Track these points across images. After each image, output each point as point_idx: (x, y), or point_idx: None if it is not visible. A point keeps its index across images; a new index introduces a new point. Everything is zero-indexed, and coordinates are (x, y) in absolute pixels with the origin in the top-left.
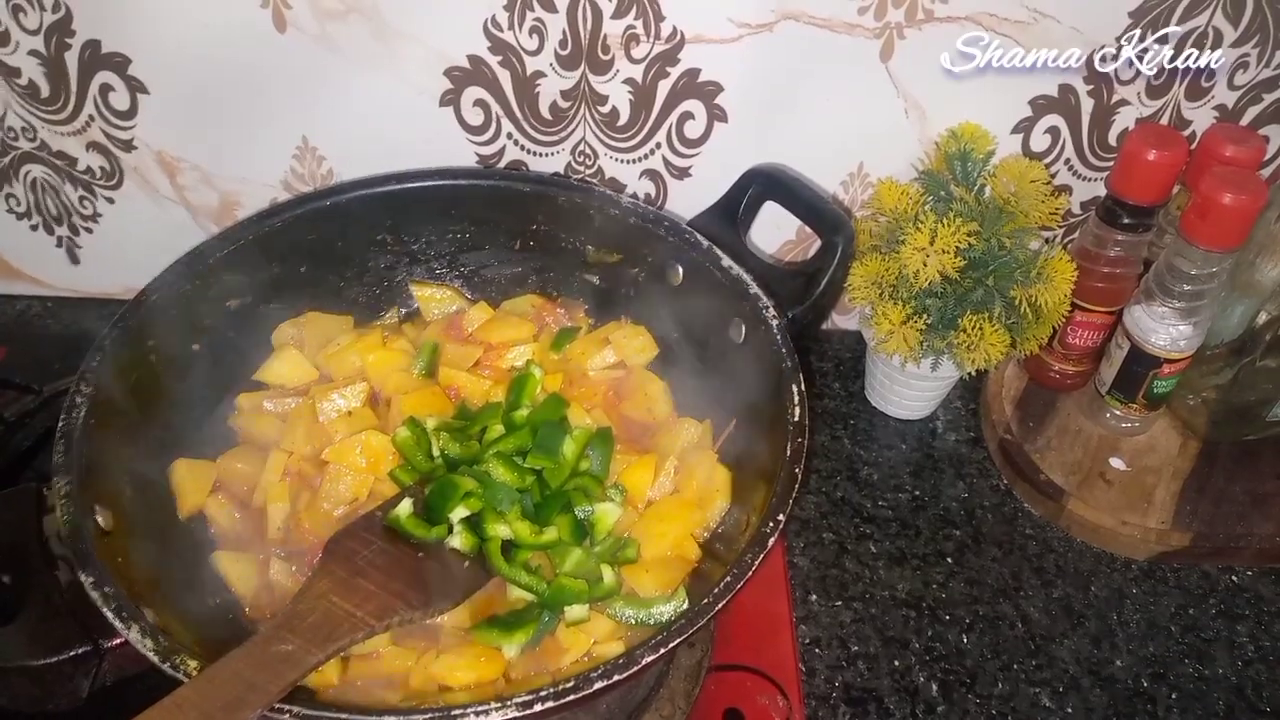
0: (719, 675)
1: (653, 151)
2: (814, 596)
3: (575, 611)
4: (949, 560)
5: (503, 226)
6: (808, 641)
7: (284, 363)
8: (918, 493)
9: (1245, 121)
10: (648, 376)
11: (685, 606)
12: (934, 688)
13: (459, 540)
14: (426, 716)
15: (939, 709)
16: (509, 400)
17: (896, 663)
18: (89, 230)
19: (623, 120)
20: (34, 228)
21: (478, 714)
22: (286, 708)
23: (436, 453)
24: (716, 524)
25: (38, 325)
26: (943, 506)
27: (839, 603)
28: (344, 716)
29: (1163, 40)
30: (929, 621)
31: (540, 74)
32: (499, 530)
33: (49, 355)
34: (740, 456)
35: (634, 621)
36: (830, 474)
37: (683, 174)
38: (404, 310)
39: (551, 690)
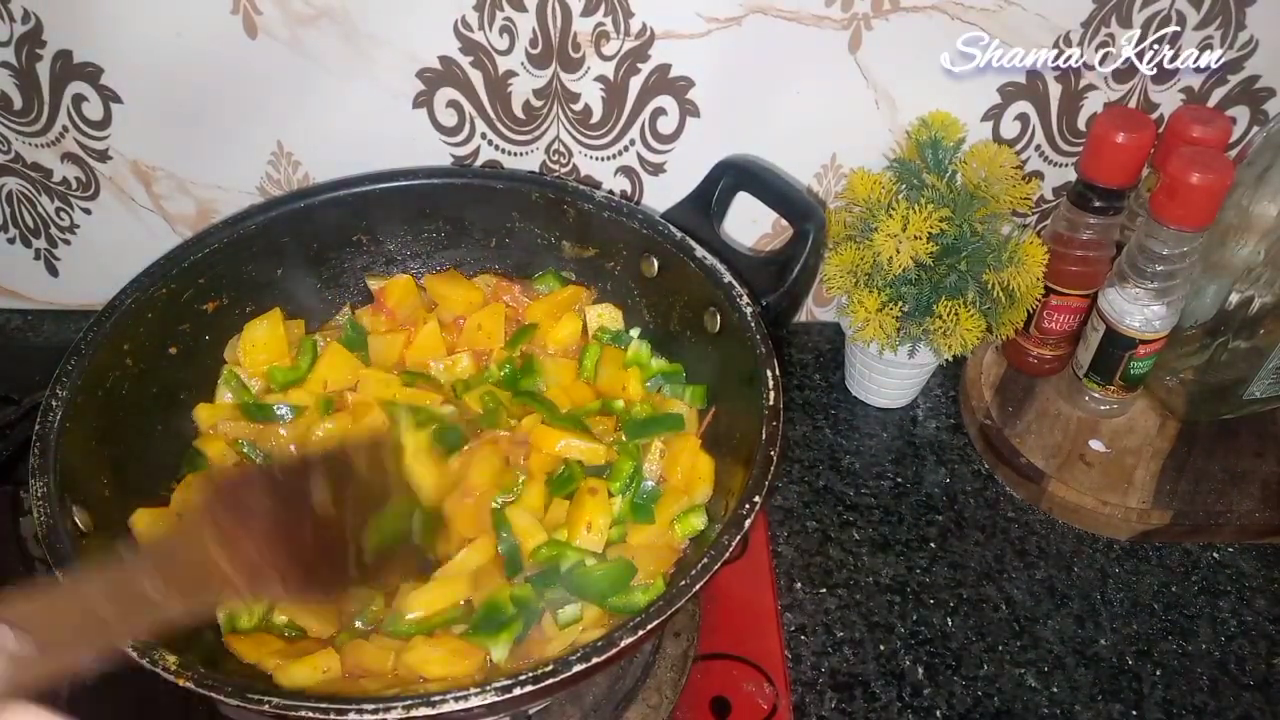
0: (705, 664)
1: (627, 148)
2: (799, 584)
3: (567, 613)
4: (932, 545)
5: (477, 224)
6: (793, 629)
7: (225, 390)
8: (900, 480)
9: (1211, 103)
10: (618, 355)
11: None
12: (920, 671)
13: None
14: (406, 703)
15: (925, 691)
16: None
17: (882, 647)
18: (67, 242)
19: (596, 118)
20: (11, 241)
21: (457, 699)
22: (266, 698)
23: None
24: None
25: (17, 338)
26: (925, 492)
27: (824, 590)
28: (323, 705)
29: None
30: (913, 606)
31: (512, 73)
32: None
33: (29, 367)
34: (720, 445)
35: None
36: (812, 464)
37: (657, 170)
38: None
39: (530, 674)
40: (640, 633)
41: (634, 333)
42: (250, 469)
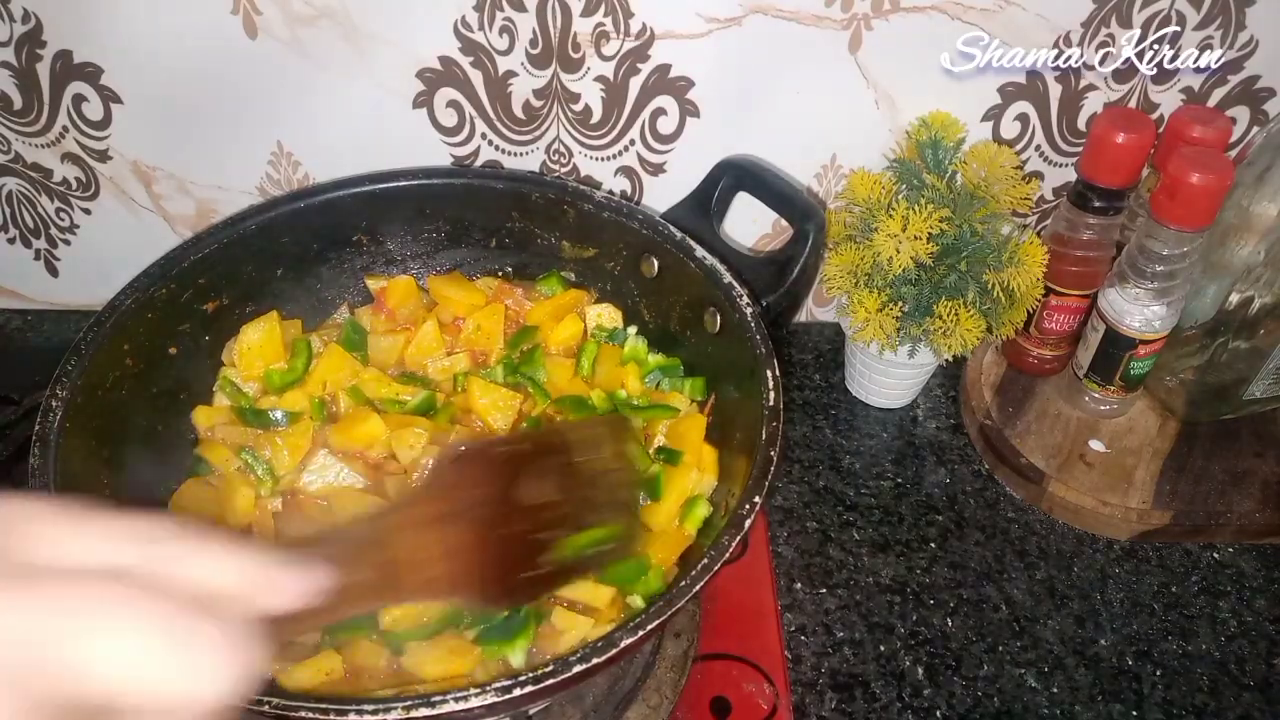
0: (705, 665)
1: (627, 148)
2: (799, 585)
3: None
4: (932, 545)
5: (477, 225)
6: (793, 629)
7: (221, 395)
8: (900, 480)
9: (1211, 103)
10: (616, 352)
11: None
12: (920, 671)
13: None
14: (406, 704)
15: (925, 692)
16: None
17: (882, 648)
18: (67, 242)
19: (596, 118)
20: (11, 241)
21: (457, 699)
22: (266, 699)
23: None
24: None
25: (17, 338)
26: (925, 493)
27: (823, 590)
28: (323, 705)
29: (1127, 24)
30: (914, 606)
31: (512, 73)
32: None
33: (29, 367)
34: (720, 443)
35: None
36: (812, 464)
37: (657, 170)
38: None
39: (530, 675)
40: (640, 633)
41: (630, 329)
42: (488, 442)
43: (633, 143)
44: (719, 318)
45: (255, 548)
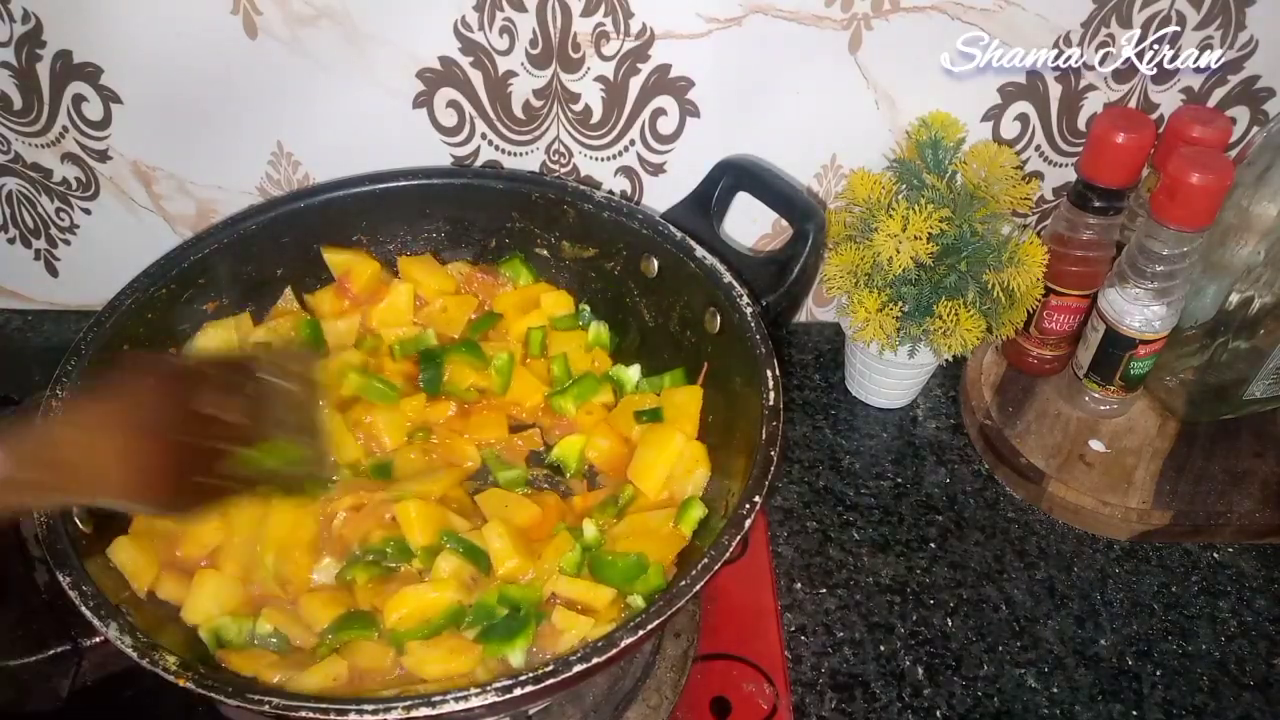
0: (705, 665)
1: (627, 148)
2: (799, 585)
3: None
4: (932, 545)
5: (477, 225)
6: (793, 629)
7: None
8: (900, 480)
9: (1211, 103)
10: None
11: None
12: (920, 671)
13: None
14: (406, 704)
15: (925, 692)
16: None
17: (882, 648)
18: (67, 242)
19: (596, 118)
20: (11, 241)
21: (458, 699)
22: (267, 698)
23: None
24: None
25: (17, 338)
26: (925, 493)
27: (823, 590)
28: (323, 705)
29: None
30: (914, 606)
31: (512, 73)
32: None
33: (29, 368)
34: (719, 443)
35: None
36: (812, 464)
37: (657, 170)
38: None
39: (530, 675)
40: (640, 633)
41: (584, 308)
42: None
43: (633, 143)
44: (719, 318)
45: None
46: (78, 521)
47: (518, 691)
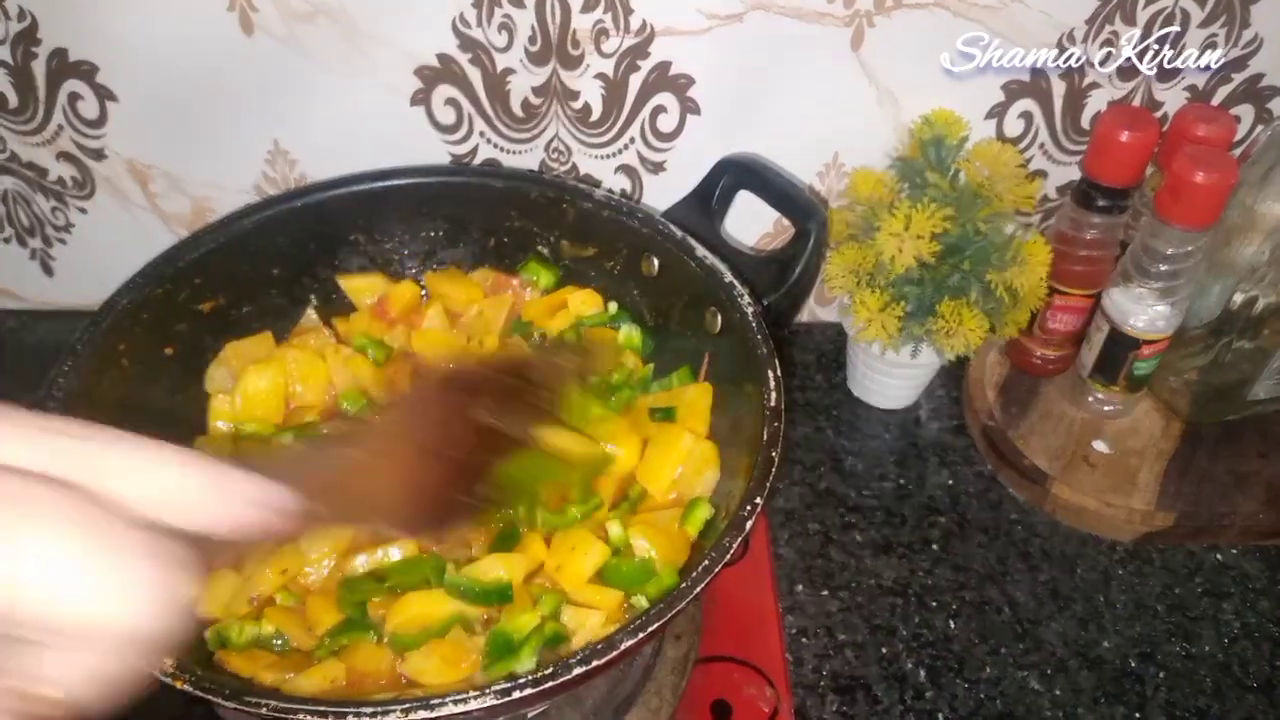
0: (706, 667)
1: (627, 146)
2: (800, 587)
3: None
4: (935, 547)
5: (476, 223)
6: (795, 632)
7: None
8: (902, 481)
9: (1216, 101)
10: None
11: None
12: (922, 674)
13: None
14: (404, 707)
15: (927, 694)
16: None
17: (884, 650)
18: (62, 242)
19: (595, 115)
20: (6, 240)
21: (456, 702)
22: (264, 701)
23: None
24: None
25: (12, 339)
26: (927, 494)
27: (825, 592)
28: (320, 708)
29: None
30: (916, 608)
31: (510, 71)
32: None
33: (25, 368)
34: (722, 444)
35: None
36: (814, 465)
37: (657, 168)
38: (322, 307)
39: (530, 678)
40: (641, 635)
41: (612, 306)
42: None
43: (633, 140)
44: (720, 317)
45: (211, 460)
46: None
47: (517, 695)
